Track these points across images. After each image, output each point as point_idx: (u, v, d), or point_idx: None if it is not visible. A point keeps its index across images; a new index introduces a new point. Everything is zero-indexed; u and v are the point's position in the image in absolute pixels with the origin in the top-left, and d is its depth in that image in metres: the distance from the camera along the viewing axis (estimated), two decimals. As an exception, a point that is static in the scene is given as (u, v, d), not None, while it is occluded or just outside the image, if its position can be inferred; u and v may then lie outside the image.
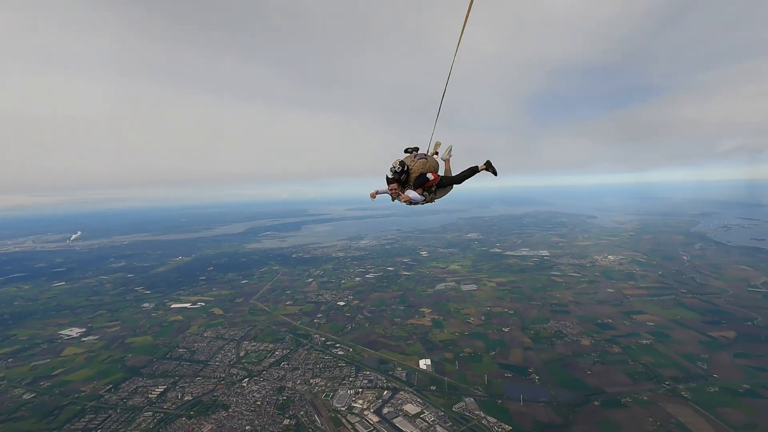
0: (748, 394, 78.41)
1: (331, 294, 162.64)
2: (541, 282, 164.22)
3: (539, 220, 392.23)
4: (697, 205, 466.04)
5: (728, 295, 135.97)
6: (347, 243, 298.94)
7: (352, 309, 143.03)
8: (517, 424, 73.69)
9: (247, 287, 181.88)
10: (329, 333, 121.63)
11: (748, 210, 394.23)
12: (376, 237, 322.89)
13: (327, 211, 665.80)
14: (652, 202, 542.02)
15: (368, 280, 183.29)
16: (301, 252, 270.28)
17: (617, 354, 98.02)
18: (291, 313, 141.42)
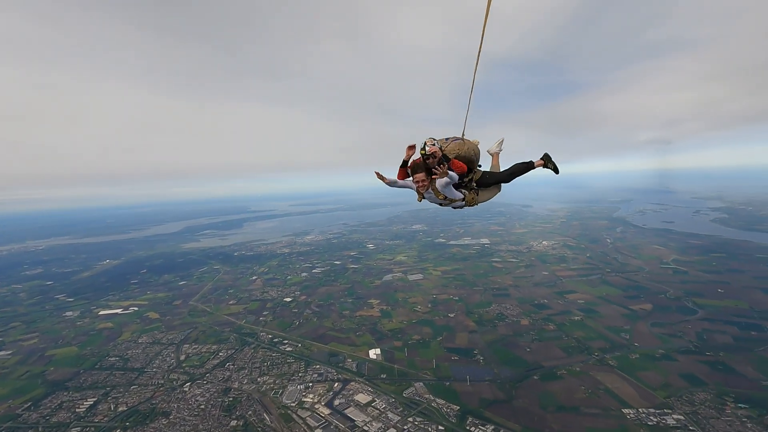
0: (663, 358, 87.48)
1: (277, 291, 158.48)
2: (483, 268, 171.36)
3: (479, 210, 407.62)
4: (618, 192, 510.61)
5: (645, 272, 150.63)
6: (292, 239, 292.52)
7: (299, 304, 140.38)
8: (464, 403, 76.62)
9: (185, 288, 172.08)
10: (276, 330, 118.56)
11: (660, 196, 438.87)
12: (322, 232, 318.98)
13: (270, 208, 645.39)
14: (580, 191, 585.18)
15: (315, 275, 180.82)
16: (243, 250, 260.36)
17: (552, 331, 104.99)
18: (235, 313, 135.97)
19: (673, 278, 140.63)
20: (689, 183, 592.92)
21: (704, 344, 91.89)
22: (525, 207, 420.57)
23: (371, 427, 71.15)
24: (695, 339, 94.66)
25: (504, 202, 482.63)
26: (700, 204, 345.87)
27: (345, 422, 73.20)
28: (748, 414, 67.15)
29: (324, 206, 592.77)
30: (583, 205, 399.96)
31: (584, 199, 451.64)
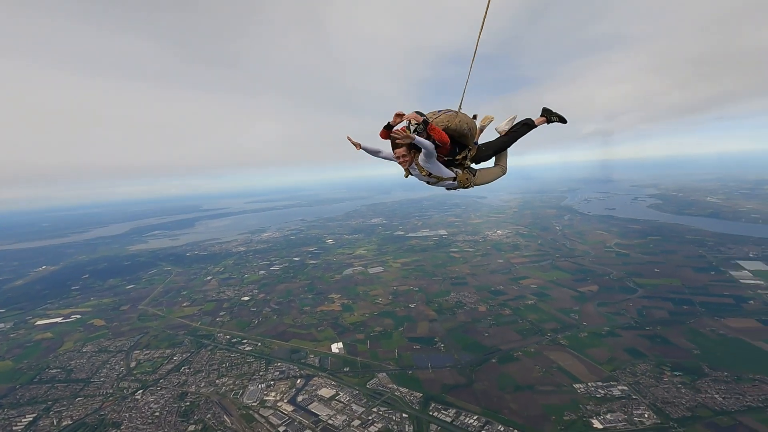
0: (609, 335, 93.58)
1: (234, 290, 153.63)
2: (441, 259, 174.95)
3: (436, 202, 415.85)
4: (565, 182, 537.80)
5: (591, 256, 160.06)
6: (248, 237, 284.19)
7: (258, 303, 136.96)
8: (426, 390, 78.19)
9: (134, 292, 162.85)
10: (234, 330, 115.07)
11: (603, 185, 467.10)
12: (279, 228, 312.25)
13: (224, 206, 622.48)
14: (530, 182, 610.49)
15: (273, 272, 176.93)
16: (196, 249, 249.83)
17: (508, 315, 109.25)
18: (189, 315, 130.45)
19: (616, 261, 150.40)
20: (628, 172, 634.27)
21: (644, 320, 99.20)
22: (480, 198, 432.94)
23: (336, 420, 70.99)
24: (636, 315, 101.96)
25: (459, 194, 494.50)
26: (638, 191, 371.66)
27: (309, 418, 72.54)
28: (682, 380, 73.36)
29: (281, 203, 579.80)
30: (534, 195, 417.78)
31: (534, 190, 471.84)
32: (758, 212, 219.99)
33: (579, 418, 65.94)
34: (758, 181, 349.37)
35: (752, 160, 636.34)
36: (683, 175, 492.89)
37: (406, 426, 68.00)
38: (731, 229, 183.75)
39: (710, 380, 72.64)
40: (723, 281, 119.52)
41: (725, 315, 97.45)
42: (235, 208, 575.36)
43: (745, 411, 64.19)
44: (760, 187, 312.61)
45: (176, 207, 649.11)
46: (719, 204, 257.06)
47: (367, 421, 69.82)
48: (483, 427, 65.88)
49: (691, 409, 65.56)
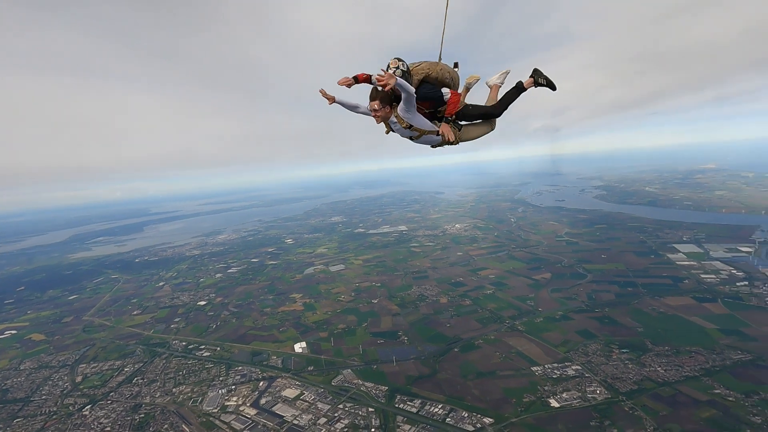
0: (562, 319, 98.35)
1: (189, 295, 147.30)
2: (402, 254, 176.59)
3: (396, 199, 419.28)
4: (517, 177, 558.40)
5: (544, 245, 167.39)
6: (203, 240, 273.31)
7: (215, 307, 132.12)
8: (392, 382, 78.75)
9: (77, 303, 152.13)
10: (191, 336, 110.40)
11: (552, 178, 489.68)
12: (236, 230, 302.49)
13: (175, 208, 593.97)
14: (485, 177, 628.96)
15: (231, 274, 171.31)
16: (146, 255, 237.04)
17: (469, 306, 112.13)
18: (140, 323, 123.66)
19: (567, 249, 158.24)
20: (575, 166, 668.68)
21: (593, 303, 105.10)
22: (438, 194, 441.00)
23: (301, 420, 69.90)
24: (586, 299, 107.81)
25: (418, 190, 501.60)
26: (585, 183, 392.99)
27: (273, 419, 70.96)
28: (629, 357, 78.43)
29: (236, 204, 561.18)
30: (489, 189, 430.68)
31: (489, 184, 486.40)
32: (690, 200, 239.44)
33: (537, 399, 68.86)
34: (689, 172, 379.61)
35: (683, 153, 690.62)
36: (624, 167, 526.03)
37: (372, 420, 68.14)
38: (667, 216, 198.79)
39: (653, 355, 78.18)
40: (661, 264, 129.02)
41: (664, 294, 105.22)
42: (187, 210, 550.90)
43: (684, 380, 69.65)
44: (691, 177, 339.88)
45: (121, 211, 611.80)
46: (656, 193, 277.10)
47: (334, 419, 69.30)
48: (448, 415, 67.24)
49: (638, 383, 70.25)
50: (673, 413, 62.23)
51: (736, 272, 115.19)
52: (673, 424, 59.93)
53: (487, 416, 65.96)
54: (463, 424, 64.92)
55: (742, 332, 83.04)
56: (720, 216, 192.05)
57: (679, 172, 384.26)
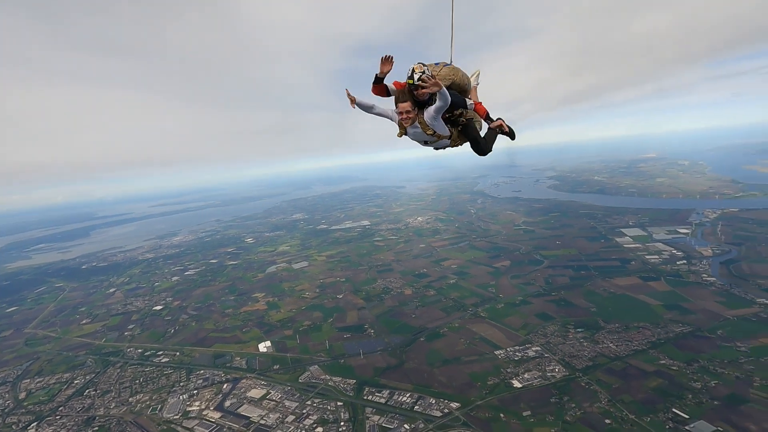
0: (522, 304, 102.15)
1: (144, 300, 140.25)
2: (366, 248, 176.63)
3: (357, 194, 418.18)
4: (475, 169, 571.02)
5: (502, 234, 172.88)
6: (157, 242, 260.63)
7: (172, 311, 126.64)
8: (359, 375, 78.82)
9: (17, 315, 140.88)
10: (147, 342, 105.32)
11: (509, 170, 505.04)
12: (192, 231, 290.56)
13: (125, 211, 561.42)
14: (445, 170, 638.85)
15: (189, 277, 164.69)
16: (94, 261, 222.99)
17: (433, 296, 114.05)
18: (90, 333, 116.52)
19: (524, 237, 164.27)
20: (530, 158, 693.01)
21: (550, 287, 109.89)
22: (399, 188, 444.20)
23: (268, 419, 68.55)
24: (543, 284, 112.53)
25: (379, 185, 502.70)
26: (539, 174, 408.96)
27: (239, 421, 69.13)
28: (584, 336, 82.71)
29: (192, 204, 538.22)
30: (449, 182, 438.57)
31: (449, 177, 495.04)
32: (634, 187, 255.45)
33: (501, 381, 71.25)
34: (633, 161, 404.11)
35: (627, 144, 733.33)
36: (575, 158, 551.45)
37: (341, 414, 67.95)
38: (614, 203, 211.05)
39: (605, 332, 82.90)
40: (610, 247, 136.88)
41: (614, 276, 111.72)
42: (138, 213, 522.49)
43: (633, 354, 74.40)
44: (634, 166, 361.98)
45: (65, 216, 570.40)
46: (604, 182, 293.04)
47: (302, 415, 68.49)
48: (416, 403, 68.19)
49: (592, 359, 74.29)
50: (625, 385, 66.37)
51: (676, 252, 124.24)
52: (625, 395, 63.91)
53: (454, 401, 67.50)
54: (431, 410, 66.10)
55: (682, 307, 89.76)
56: (661, 201, 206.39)
57: (623, 162, 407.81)
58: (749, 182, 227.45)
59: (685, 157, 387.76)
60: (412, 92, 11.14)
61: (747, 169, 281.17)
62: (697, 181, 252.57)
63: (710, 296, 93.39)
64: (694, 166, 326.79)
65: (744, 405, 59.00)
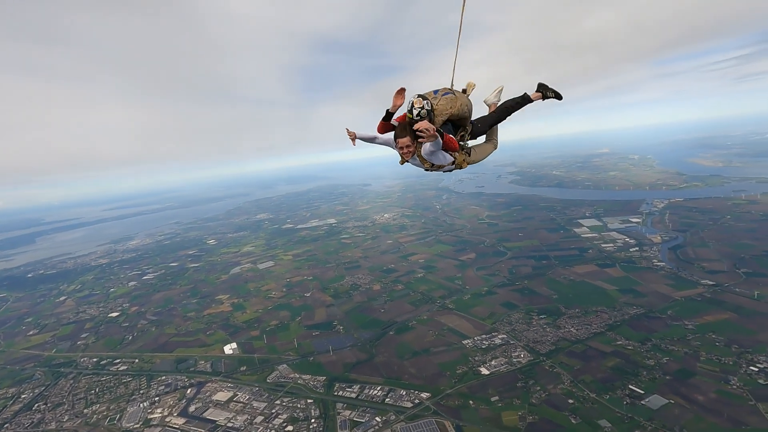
0: (487, 294, 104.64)
1: (98, 307, 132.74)
2: (333, 246, 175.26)
3: (323, 193, 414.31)
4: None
5: (467, 228, 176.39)
6: (111, 247, 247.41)
7: (130, 317, 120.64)
8: (329, 372, 78.10)
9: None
10: (103, 351, 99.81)
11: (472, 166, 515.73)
12: (150, 234, 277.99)
13: (73, 216, 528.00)
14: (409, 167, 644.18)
15: (147, 281, 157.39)
16: (41, 269, 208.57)
17: (401, 290, 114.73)
18: (38, 344, 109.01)
19: (488, 230, 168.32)
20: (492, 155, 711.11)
21: (514, 277, 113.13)
22: (365, 186, 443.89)
23: (236, 421, 66.62)
24: (507, 274, 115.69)
25: (345, 183, 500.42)
26: (501, 170, 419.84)
27: (205, 426, 66.75)
28: (546, 322, 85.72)
29: (148, 207, 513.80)
30: (414, 179, 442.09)
31: (414, 174, 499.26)
32: (590, 180, 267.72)
33: (469, 369, 72.64)
34: (587, 156, 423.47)
35: (582, 140, 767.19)
36: (534, 154, 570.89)
37: (312, 411, 67.05)
38: (572, 195, 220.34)
39: (567, 317, 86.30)
40: (569, 237, 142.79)
41: (573, 264, 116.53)
42: (89, 217, 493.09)
43: (592, 337, 77.88)
44: (589, 161, 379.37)
45: (6, 223, 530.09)
46: (562, 176, 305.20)
47: (271, 415, 67.02)
48: (387, 396, 68.33)
49: (555, 344, 77.14)
50: (585, 366, 69.36)
51: (629, 240, 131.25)
52: (586, 376, 66.79)
53: (425, 391, 68.18)
54: (402, 401, 66.47)
55: (635, 290, 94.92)
56: (614, 193, 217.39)
57: (579, 157, 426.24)
58: (692, 174, 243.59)
59: (635, 152, 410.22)
60: (411, 126, 11.02)
61: (690, 162, 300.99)
62: (646, 173, 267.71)
63: (660, 280, 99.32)
64: (643, 160, 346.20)
65: (692, 378, 63.13)
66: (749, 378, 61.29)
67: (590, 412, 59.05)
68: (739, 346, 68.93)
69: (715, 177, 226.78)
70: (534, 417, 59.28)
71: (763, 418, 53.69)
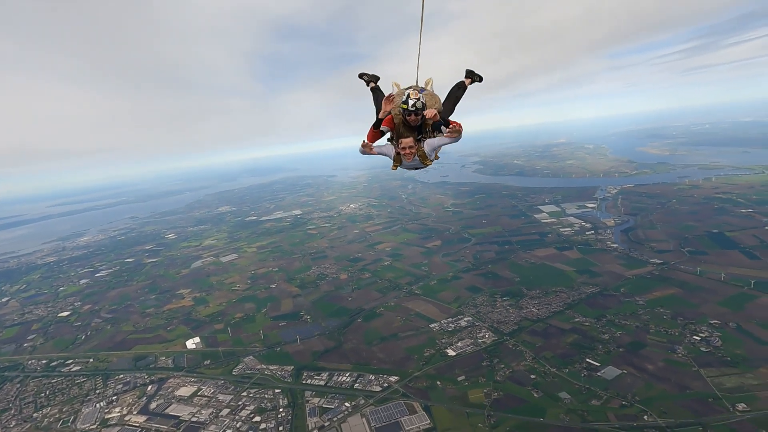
0: (453, 279, 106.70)
1: (46, 307, 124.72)
2: (298, 237, 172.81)
3: (288, 185, 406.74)
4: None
5: (433, 216, 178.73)
6: (59, 244, 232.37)
7: (83, 316, 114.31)
8: (297, 361, 77.34)
9: None
10: (53, 352, 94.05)
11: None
12: (102, 230, 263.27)
13: (16, 213, 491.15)
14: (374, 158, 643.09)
15: (101, 278, 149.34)
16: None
17: (368, 278, 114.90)
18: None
19: (453, 218, 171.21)
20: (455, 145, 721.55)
21: (478, 262, 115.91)
22: (330, 177, 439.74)
23: (201, 416, 64.74)
24: (472, 260, 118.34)
25: (310, 175, 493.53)
26: (465, 160, 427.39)
27: (168, 422, 64.47)
28: (510, 303, 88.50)
29: (100, 202, 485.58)
30: (380, 170, 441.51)
31: (380, 165, 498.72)
32: (548, 169, 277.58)
33: (437, 351, 74.00)
34: (546, 146, 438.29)
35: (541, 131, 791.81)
36: (496, 144, 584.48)
37: (280, 400, 66.18)
38: (532, 183, 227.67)
39: (528, 298, 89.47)
40: (530, 223, 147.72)
41: (534, 248, 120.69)
42: (33, 214, 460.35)
43: (553, 315, 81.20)
44: (548, 150, 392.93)
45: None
46: (522, 165, 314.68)
47: (237, 407, 65.60)
48: (355, 381, 68.50)
49: (518, 323, 79.85)
50: (546, 343, 72.27)
51: (586, 224, 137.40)
52: (546, 352, 69.61)
53: (393, 375, 68.92)
54: (371, 386, 66.86)
55: (591, 270, 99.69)
56: (571, 180, 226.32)
57: (538, 147, 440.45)
58: (642, 162, 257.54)
59: (590, 142, 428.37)
60: (406, 116, 10.72)
61: (640, 150, 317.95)
62: (600, 162, 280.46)
63: (614, 260, 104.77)
64: (597, 149, 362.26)
65: (643, 349, 67.22)
66: (693, 347, 66.03)
67: (551, 385, 61.71)
68: (684, 318, 74.01)
69: (662, 164, 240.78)
70: (499, 393, 61.27)
71: (706, 382, 58.05)
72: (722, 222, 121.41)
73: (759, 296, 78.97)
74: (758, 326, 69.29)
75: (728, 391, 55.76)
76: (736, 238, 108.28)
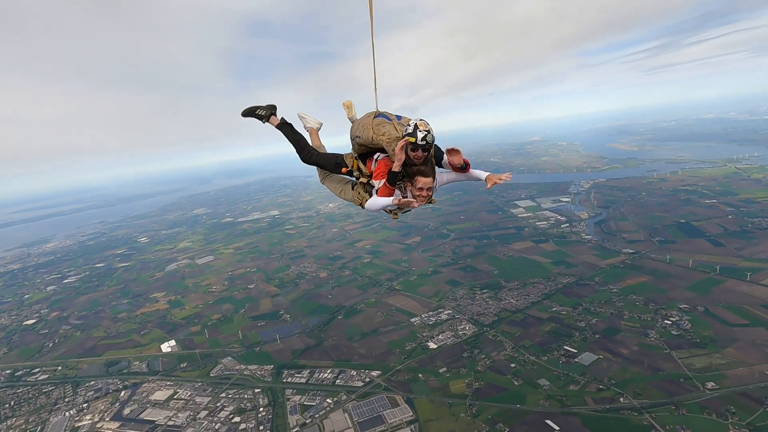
0: (433, 274, 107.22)
1: (10, 316, 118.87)
2: (276, 237, 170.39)
3: (265, 186, 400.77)
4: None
5: (412, 213, 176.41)
6: (23, 251, 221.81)
7: (50, 323, 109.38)
8: (277, 360, 76.16)
9: None
10: (18, 361, 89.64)
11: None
12: (70, 236, 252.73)
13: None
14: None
15: (69, 284, 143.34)
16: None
17: (348, 276, 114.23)
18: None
19: (432, 215, 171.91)
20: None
21: (457, 256, 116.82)
22: (308, 177, 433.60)
23: (178, 419, 62.88)
24: (451, 254, 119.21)
25: (287, 175, 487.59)
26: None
27: (143, 427, 62.35)
28: (489, 296, 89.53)
29: (66, 207, 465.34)
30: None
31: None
32: (524, 165, 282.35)
33: (418, 345, 74.15)
34: (521, 144, 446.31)
35: (516, 129, 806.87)
36: (472, 143, 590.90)
37: (260, 400, 64.96)
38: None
39: (507, 290, 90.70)
40: (507, 218, 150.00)
41: (511, 241, 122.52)
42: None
43: (531, 306, 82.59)
44: (523, 148, 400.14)
45: None
46: (498, 162, 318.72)
47: (216, 409, 64.04)
48: (337, 378, 67.92)
49: (497, 315, 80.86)
50: (525, 332, 73.42)
51: (560, 217, 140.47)
52: (525, 341, 70.72)
53: (375, 369, 68.66)
54: (353, 381, 66.41)
55: (567, 261, 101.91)
56: (546, 176, 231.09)
57: (514, 145, 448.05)
58: (612, 157, 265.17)
59: (563, 139, 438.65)
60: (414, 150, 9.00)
61: (610, 147, 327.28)
62: (573, 158, 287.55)
63: (588, 251, 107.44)
64: (570, 146, 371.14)
65: (617, 335, 69.10)
66: (664, 330, 68.31)
67: (530, 373, 62.69)
68: (655, 304, 76.51)
69: (631, 159, 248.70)
70: (480, 383, 61.81)
71: (677, 363, 60.08)
72: (689, 212, 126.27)
73: (724, 281, 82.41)
74: (724, 309, 72.29)
75: (698, 371, 57.87)
76: (702, 227, 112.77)
